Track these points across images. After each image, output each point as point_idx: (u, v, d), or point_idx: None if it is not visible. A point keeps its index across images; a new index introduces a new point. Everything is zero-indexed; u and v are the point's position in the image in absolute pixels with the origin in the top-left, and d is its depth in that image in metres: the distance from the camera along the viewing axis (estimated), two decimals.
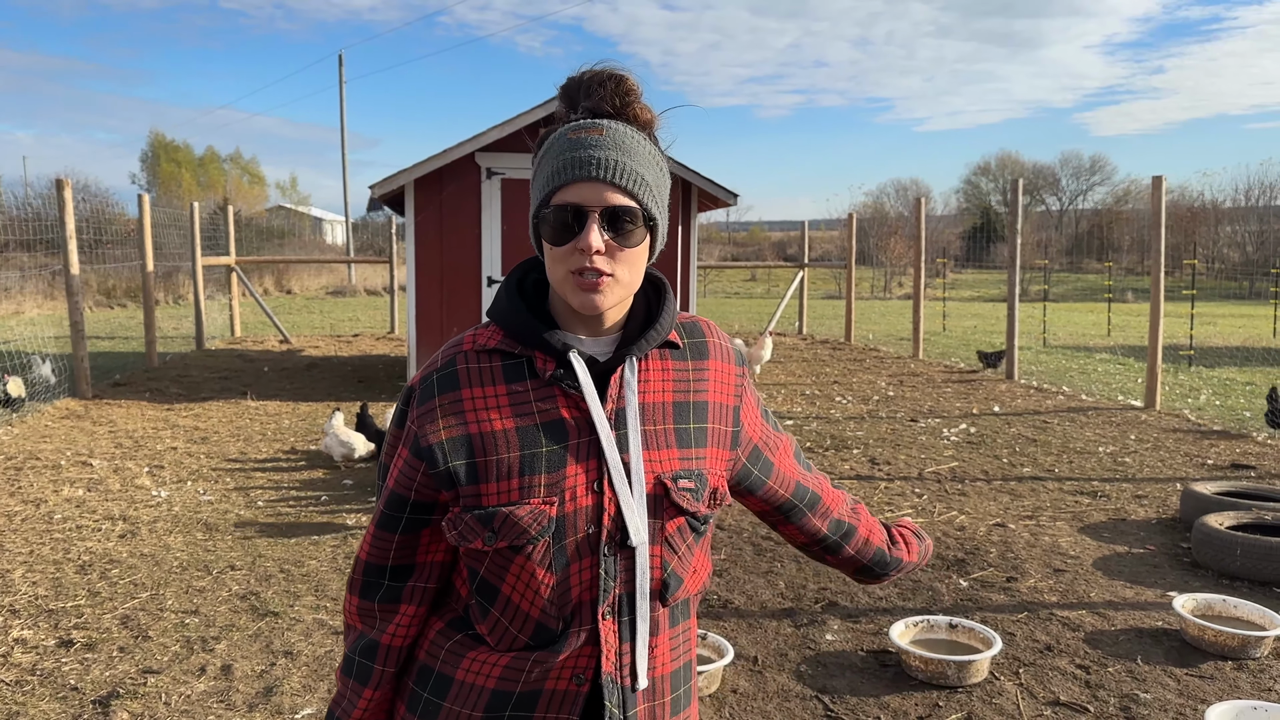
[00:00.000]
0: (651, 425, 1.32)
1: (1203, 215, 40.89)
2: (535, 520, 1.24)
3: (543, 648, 1.29)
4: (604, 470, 1.27)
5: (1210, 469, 7.17)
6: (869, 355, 14.59)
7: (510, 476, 1.25)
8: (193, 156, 54.72)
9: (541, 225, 1.27)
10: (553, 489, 1.25)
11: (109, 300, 23.94)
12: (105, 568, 4.93)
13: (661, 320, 1.34)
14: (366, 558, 1.37)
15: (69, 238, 9.88)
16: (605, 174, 1.23)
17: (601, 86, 1.29)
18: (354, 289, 31.27)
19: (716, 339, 1.43)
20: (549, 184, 1.25)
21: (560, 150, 1.26)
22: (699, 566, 1.39)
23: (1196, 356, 14.38)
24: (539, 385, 1.29)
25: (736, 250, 51.55)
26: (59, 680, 3.67)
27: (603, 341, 1.33)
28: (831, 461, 7.43)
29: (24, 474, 6.83)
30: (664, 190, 1.32)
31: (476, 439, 1.26)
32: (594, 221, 1.23)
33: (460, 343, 1.34)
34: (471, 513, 1.26)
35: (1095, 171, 63.26)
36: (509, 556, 1.26)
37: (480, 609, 1.32)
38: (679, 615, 1.38)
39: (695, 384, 1.38)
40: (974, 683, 3.68)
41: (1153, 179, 9.71)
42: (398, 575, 1.35)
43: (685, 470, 1.33)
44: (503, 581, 1.28)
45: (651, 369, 1.35)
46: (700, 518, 1.34)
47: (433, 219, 9.78)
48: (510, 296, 1.33)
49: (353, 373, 12.24)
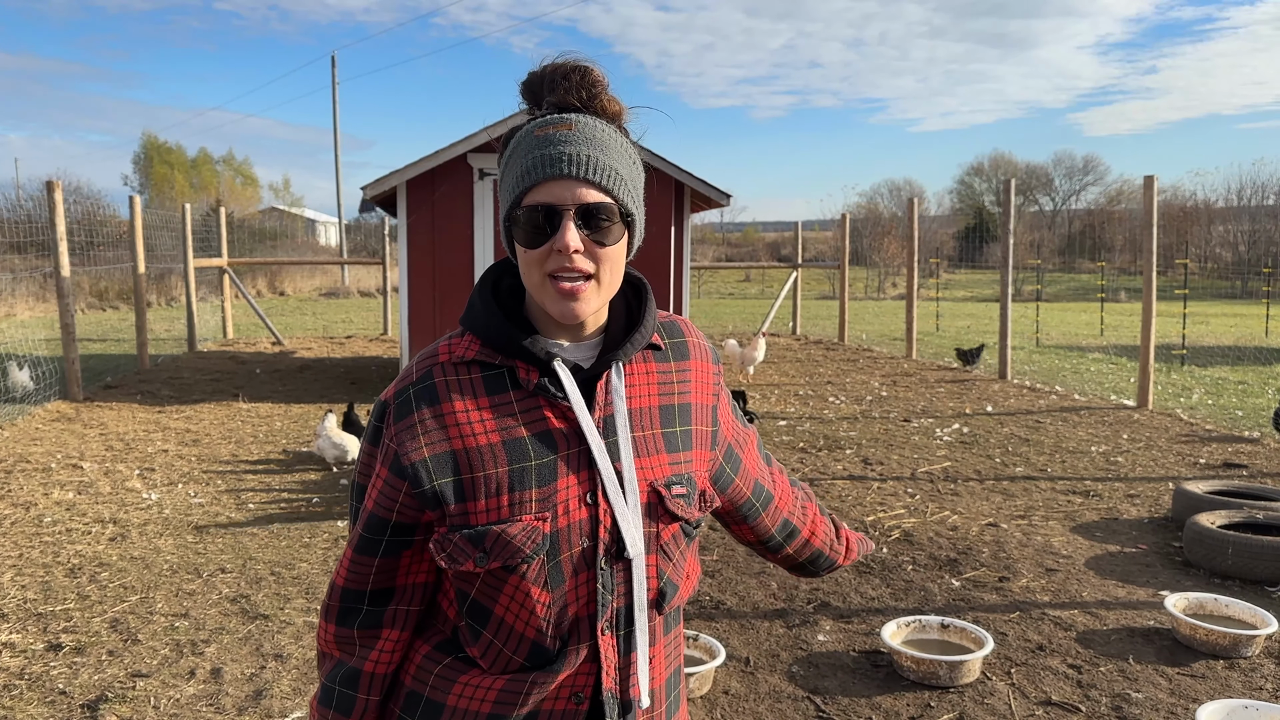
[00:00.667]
0: (641, 431, 1.28)
1: (1195, 215, 41.03)
2: (529, 538, 1.19)
3: (539, 668, 1.24)
4: (597, 481, 1.22)
5: (1202, 468, 7.18)
6: (862, 355, 14.59)
7: (499, 493, 1.19)
8: (185, 158, 54.59)
9: (514, 228, 1.21)
10: (545, 504, 1.20)
11: (101, 302, 23.87)
12: (95, 571, 4.90)
13: (645, 323, 1.30)
14: (344, 583, 1.28)
15: (59, 240, 9.85)
16: (578, 170, 1.18)
17: (566, 79, 1.23)
18: (347, 290, 31.22)
19: (696, 338, 1.40)
20: (519, 184, 1.20)
21: (529, 148, 1.20)
22: (690, 571, 1.36)
23: (1189, 356, 14.42)
24: (523, 396, 1.24)
25: (731, 251, 51.55)
26: (47, 684, 3.65)
27: (585, 347, 1.28)
28: (824, 462, 7.43)
29: (14, 477, 6.80)
30: (639, 184, 1.27)
31: (461, 455, 1.20)
32: (569, 220, 1.18)
33: (435, 354, 1.27)
34: (460, 533, 1.20)
35: (1088, 171, 63.50)
36: (502, 577, 1.20)
37: (471, 631, 1.26)
38: (671, 623, 1.35)
39: (679, 385, 1.34)
40: (966, 683, 3.67)
41: (1144, 179, 9.73)
42: (377, 600, 1.28)
43: (676, 476, 1.29)
44: (495, 603, 1.22)
45: (636, 373, 1.30)
46: (693, 523, 1.31)
47: (425, 220, 9.76)
48: (486, 304, 1.26)
49: (345, 374, 12.21)
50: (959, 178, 69.60)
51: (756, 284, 39.30)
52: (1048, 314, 22.91)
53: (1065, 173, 63.63)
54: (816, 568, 1.59)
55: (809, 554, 1.56)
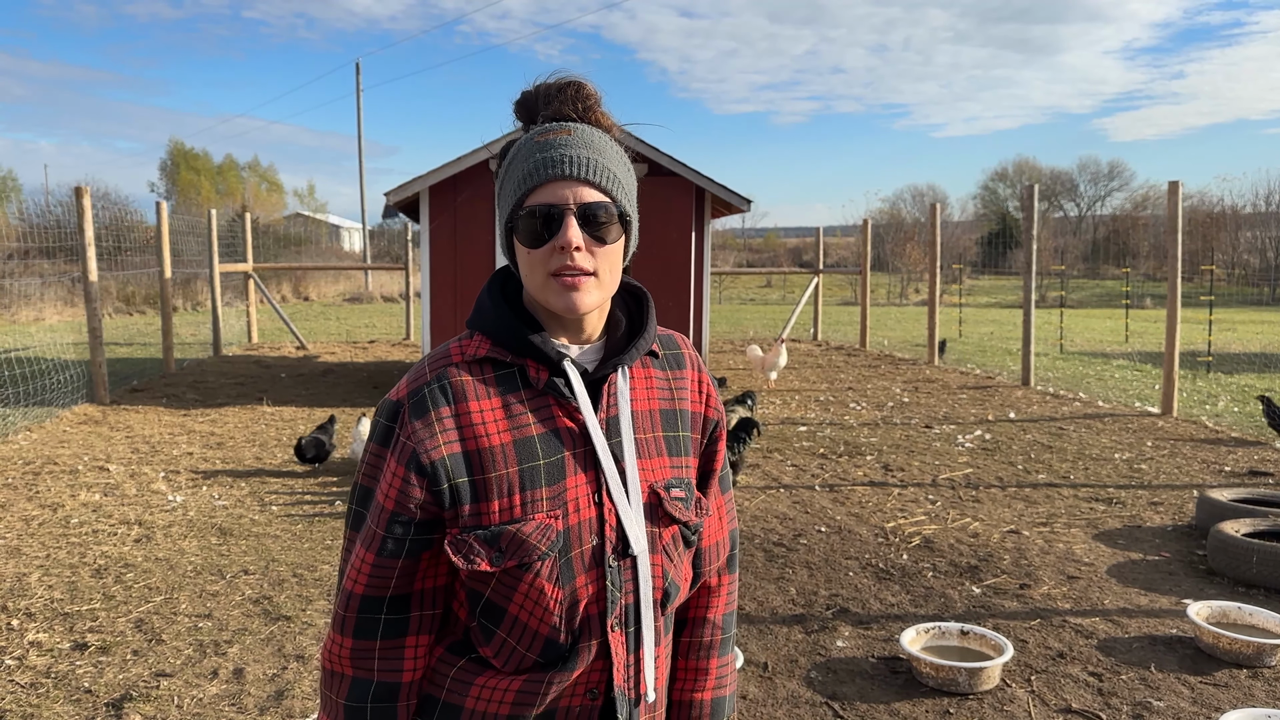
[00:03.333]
0: (643, 434, 1.31)
1: (1222, 221, 40.56)
2: (543, 536, 1.21)
3: (552, 666, 1.25)
4: (601, 481, 1.25)
5: (1227, 475, 7.11)
6: (884, 361, 14.54)
7: (511, 493, 1.22)
8: (211, 164, 55.17)
9: (515, 230, 1.25)
10: (555, 501, 1.23)
11: (128, 306, 24.14)
12: (120, 572, 4.97)
13: (647, 329, 1.34)
14: (363, 590, 1.24)
15: (87, 245, 9.98)
16: (578, 171, 1.22)
17: (561, 93, 1.28)
18: (371, 296, 31.41)
19: (690, 352, 1.45)
20: (521, 187, 1.23)
21: (529, 153, 1.25)
22: (688, 576, 1.39)
23: (1215, 363, 14.27)
24: (533, 395, 1.27)
25: (752, 256, 51.49)
26: (73, 683, 3.70)
27: (589, 351, 1.32)
28: (845, 468, 7.41)
29: (41, 479, 6.90)
30: (633, 190, 1.31)
31: (474, 455, 1.22)
32: (571, 218, 1.22)
33: (447, 354, 1.28)
34: (473, 533, 1.21)
35: (1113, 177, 62.98)
36: (516, 575, 1.22)
37: (484, 631, 1.27)
38: (671, 625, 1.39)
39: (677, 392, 1.38)
40: (985, 689, 3.66)
41: (1169, 184, 9.65)
42: (397, 607, 1.25)
43: (676, 479, 1.33)
44: (510, 601, 1.24)
45: (637, 378, 1.34)
46: (691, 527, 1.35)
47: (447, 226, 9.82)
48: (496, 304, 1.29)
49: (368, 378, 12.29)
50: (983, 183, 69.22)
51: (778, 289, 39.22)
52: (1072, 320, 22.73)
53: (1090, 178, 63.19)
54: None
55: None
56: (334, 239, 53.67)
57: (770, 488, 6.77)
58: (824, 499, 6.47)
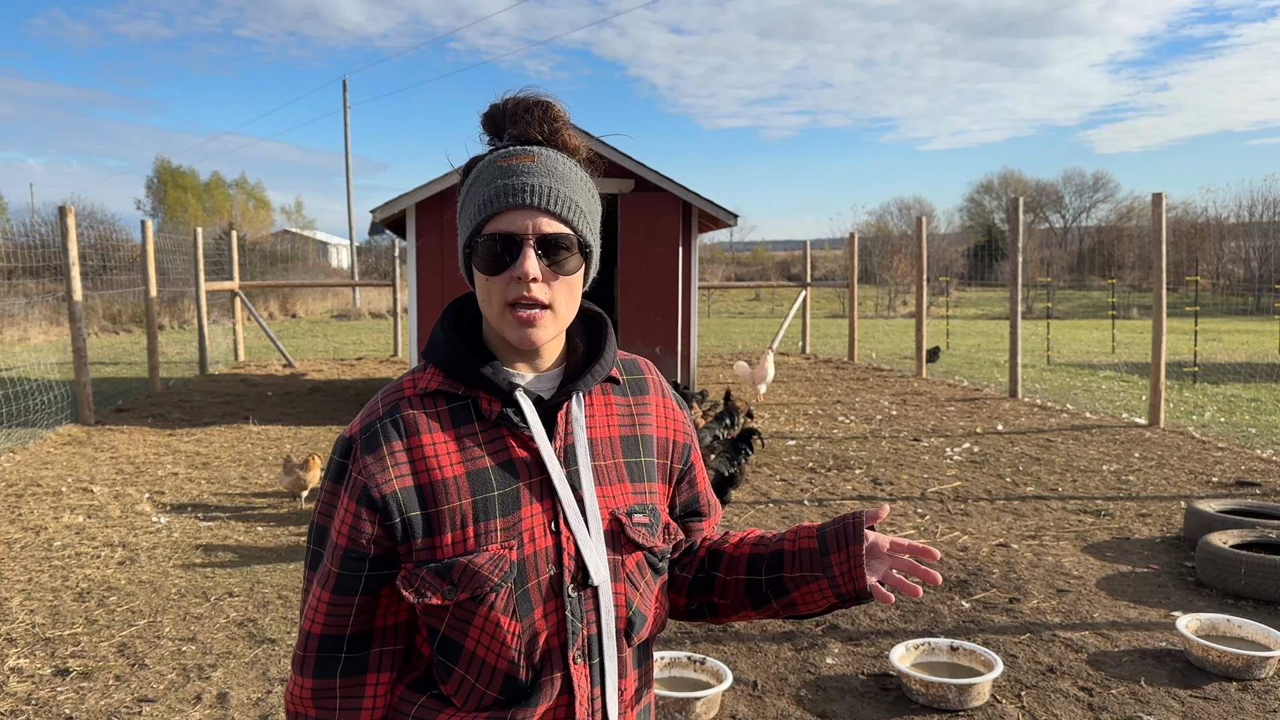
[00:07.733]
0: (601, 460, 1.30)
1: (1207, 231, 40.88)
2: (496, 566, 1.19)
3: (515, 703, 1.23)
4: (558, 509, 1.23)
5: (1215, 486, 7.13)
6: (872, 374, 14.56)
7: (465, 525, 1.20)
8: (198, 182, 55.09)
9: (474, 256, 1.23)
10: (510, 532, 1.21)
11: (114, 325, 24.02)
12: (103, 595, 4.91)
13: (604, 355, 1.32)
14: (321, 630, 1.23)
15: (72, 264, 9.93)
16: (539, 200, 1.20)
17: (528, 113, 1.26)
18: (358, 312, 31.34)
19: (654, 376, 1.43)
20: (481, 212, 1.22)
21: (491, 178, 1.23)
22: (659, 605, 1.36)
23: (1201, 373, 14.33)
24: (486, 427, 1.25)
25: (740, 270, 51.64)
26: (54, 709, 3.65)
27: (545, 378, 1.30)
28: (834, 481, 7.40)
29: (25, 501, 6.83)
30: (596, 216, 1.29)
31: (428, 489, 1.20)
32: (529, 249, 1.20)
33: (400, 388, 1.27)
34: (426, 566, 1.19)
35: (1099, 189, 63.49)
36: (471, 609, 1.19)
37: (443, 669, 1.24)
38: (641, 657, 1.35)
39: (639, 418, 1.37)
40: (975, 706, 3.64)
41: (1153, 196, 9.70)
42: (357, 644, 1.23)
43: (639, 505, 1.31)
44: (466, 636, 1.21)
45: (596, 404, 1.33)
46: (657, 553, 1.33)
47: (434, 242, 9.80)
48: (449, 336, 1.28)
49: (355, 396, 12.24)
50: (969, 195, 69.56)
51: (766, 303, 39.31)
52: (1059, 331, 22.83)
53: (1075, 190, 63.67)
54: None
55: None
56: (322, 256, 53.60)
57: (759, 503, 6.75)
58: (813, 514, 6.46)
